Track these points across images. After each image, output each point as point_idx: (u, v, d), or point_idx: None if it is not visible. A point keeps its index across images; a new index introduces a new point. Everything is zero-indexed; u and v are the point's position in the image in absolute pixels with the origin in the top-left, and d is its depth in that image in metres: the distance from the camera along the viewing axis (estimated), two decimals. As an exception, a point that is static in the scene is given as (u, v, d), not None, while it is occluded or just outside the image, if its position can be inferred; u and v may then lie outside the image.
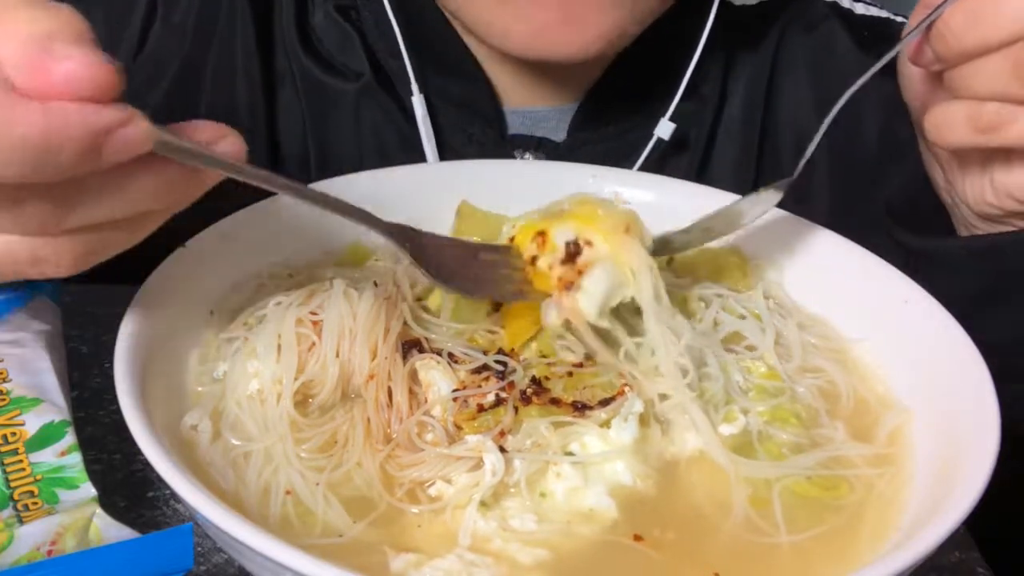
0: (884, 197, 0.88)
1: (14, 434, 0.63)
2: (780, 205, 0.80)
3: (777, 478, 0.61)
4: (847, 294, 0.76)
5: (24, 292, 0.76)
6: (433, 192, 0.81)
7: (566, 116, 1.01)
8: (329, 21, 1.00)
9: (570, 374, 0.66)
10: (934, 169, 0.80)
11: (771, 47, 1.04)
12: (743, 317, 0.73)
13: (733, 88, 1.04)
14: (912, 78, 0.77)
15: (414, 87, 0.97)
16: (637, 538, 0.58)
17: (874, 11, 1.07)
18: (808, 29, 1.05)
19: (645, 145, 0.99)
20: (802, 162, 0.74)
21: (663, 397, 0.64)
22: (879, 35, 1.04)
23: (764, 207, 0.75)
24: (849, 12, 1.06)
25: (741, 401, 0.66)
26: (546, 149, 1.00)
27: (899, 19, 1.06)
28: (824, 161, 1.01)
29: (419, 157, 0.98)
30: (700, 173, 1.03)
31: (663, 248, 0.75)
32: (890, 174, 0.94)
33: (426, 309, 0.71)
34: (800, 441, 0.64)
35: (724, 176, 1.03)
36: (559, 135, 1.01)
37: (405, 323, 0.68)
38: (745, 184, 0.95)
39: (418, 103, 0.97)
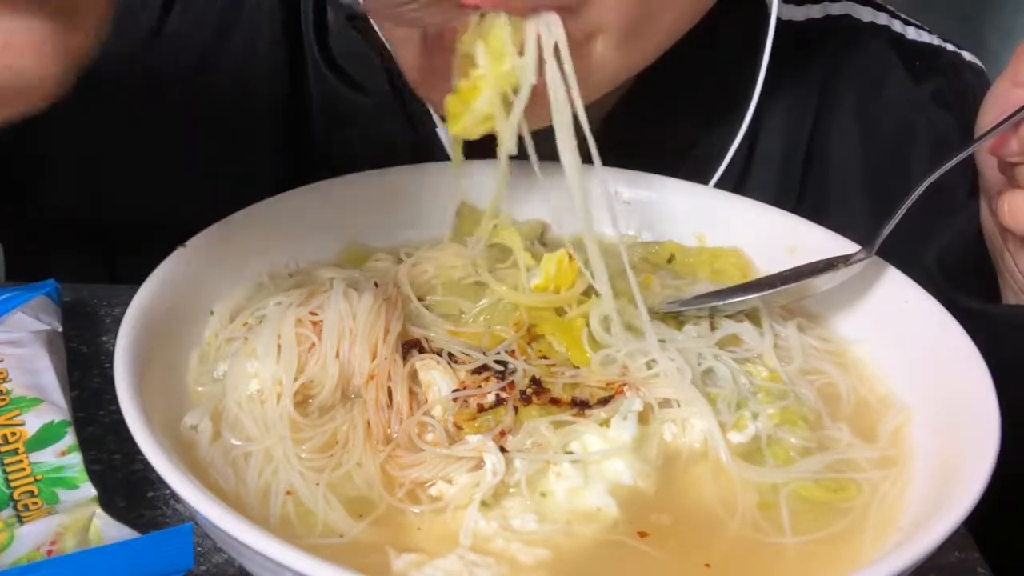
0: (934, 252, 0.85)
1: (14, 434, 0.63)
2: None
3: (785, 482, 0.61)
4: (847, 294, 0.75)
5: (24, 292, 0.76)
6: (433, 192, 0.81)
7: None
8: (346, 34, 0.95)
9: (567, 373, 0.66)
10: (994, 236, 0.80)
11: (818, 77, 0.98)
12: (742, 320, 0.73)
13: (770, 119, 0.97)
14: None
15: (436, 119, 0.92)
16: (638, 536, 0.58)
17: (925, 36, 1.03)
18: (861, 59, 1.00)
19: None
20: (879, 239, 0.72)
21: (666, 402, 0.64)
22: (931, 66, 1.00)
23: (837, 281, 0.73)
24: (901, 37, 1.02)
25: (752, 404, 0.66)
26: None
27: (949, 47, 1.03)
28: (865, 208, 0.97)
29: None
30: None
31: (712, 312, 0.73)
32: (937, 226, 0.89)
33: (427, 308, 0.71)
34: (808, 445, 0.64)
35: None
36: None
37: (405, 323, 0.68)
38: None
39: (444, 135, 0.92)
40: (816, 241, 0.78)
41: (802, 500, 0.61)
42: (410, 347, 0.67)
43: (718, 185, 0.93)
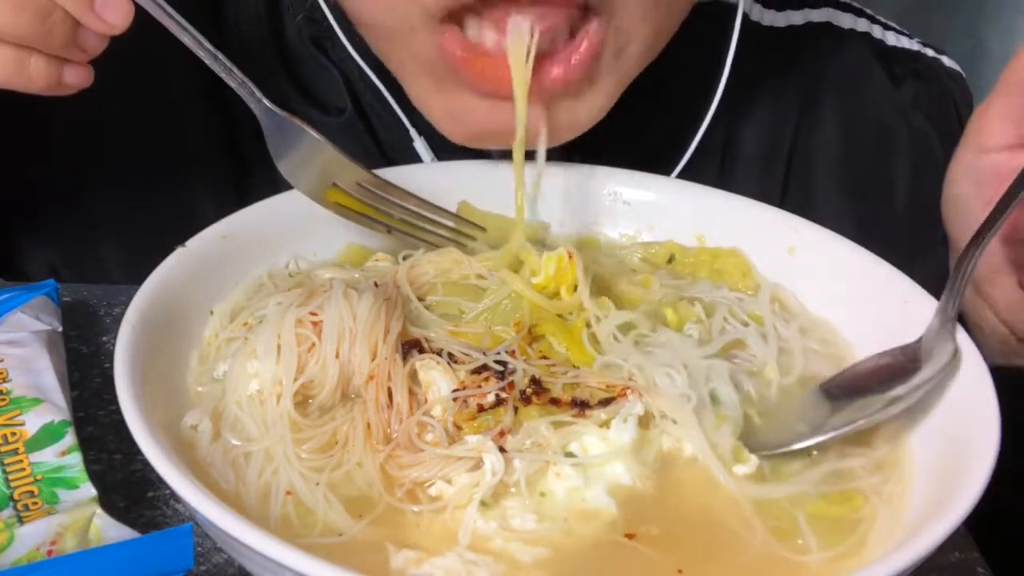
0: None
1: (14, 434, 0.63)
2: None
3: (788, 498, 0.61)
4: (848, 294, 0.75)
5: (24, 292, 0.76)
6: (433, 192, 0.81)
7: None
8: (305, 48, 0.94)
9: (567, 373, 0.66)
10: (982, 283, 0.77)
11: (800, 83, 0.99)
12: (746, 324, 0.73)
13: (751, 123, 0.98)
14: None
15: (413, 132, 0.92)
16: (636, 537, 0.58)
17: (905, 42, 1.03)
18: (842, 64, 1.00)
19: None
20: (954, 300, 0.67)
21: (664, 416, 0.64)
22: (911, 72, 1.01)
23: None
24: (881, 43, 1.02)
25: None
26: None
27: (929, 52, 1.03)
28: (847, 213, 0.97)
29: None
30: None
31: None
32: (923, 240, 0.88)
33: (427, 309, 0.71)
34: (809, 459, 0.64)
35: None
36: None
37: (405, 323, 0.68)
38: None
39: (422, 148, 0.92)
40: (816, 241, 0.78)
41: (812, 517, 0.60)
42: (410, 347, 0.67)
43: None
